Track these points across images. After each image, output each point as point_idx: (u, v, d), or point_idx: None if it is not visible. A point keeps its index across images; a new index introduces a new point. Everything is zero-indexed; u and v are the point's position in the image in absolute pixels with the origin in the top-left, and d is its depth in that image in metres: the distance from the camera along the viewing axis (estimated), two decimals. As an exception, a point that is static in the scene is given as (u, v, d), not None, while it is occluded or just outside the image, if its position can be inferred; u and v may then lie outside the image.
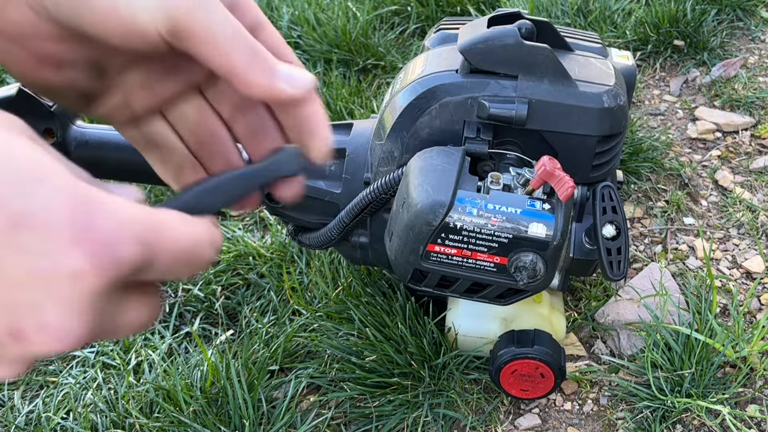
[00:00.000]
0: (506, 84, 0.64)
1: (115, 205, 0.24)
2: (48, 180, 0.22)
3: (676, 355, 0.81)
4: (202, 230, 0.28)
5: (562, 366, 0.75)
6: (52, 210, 0.22)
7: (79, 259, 0.22)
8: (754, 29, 1.40)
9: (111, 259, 0.23)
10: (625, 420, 0.78)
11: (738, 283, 0.93)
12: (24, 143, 0.23)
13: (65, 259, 0.22)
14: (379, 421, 0.79)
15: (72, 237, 0.22)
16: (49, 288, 0.22)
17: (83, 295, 0.22)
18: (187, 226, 0.27)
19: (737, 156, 1.14)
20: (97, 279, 0.22)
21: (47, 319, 0.22)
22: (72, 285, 0.22)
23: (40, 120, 0.74)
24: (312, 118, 0.34)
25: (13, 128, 0.24)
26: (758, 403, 0.79)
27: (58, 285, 0.22)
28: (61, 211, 0.22)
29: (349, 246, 0.79)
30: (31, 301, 0.22)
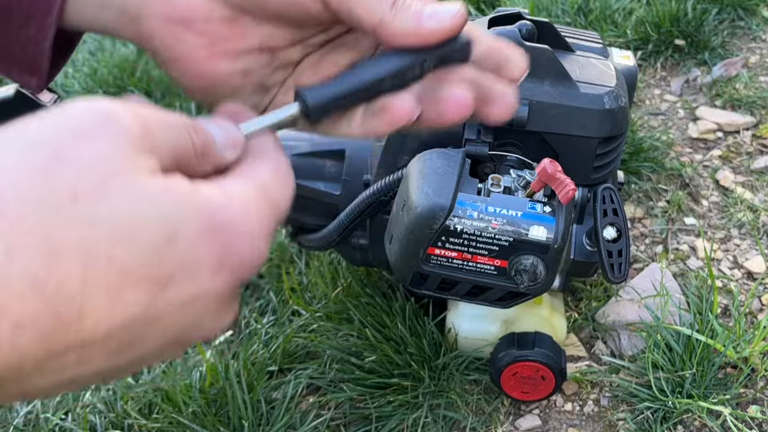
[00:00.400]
0: (507, 85, 0.63)
1: (240, 219, 0.24)
2: (179, 231, 0.22)
3: (677, 355, 0.80)
4: (291, 188, 0.28)
5: (563, 368, 0.74)
6: (191, 261, 0.23)
7: (222, 283, 0.24)
8: (756, 28, 1.39)
9: (247, 274, 0.25)
10: (626, 421, 0.78)
11: (739, 283, 0.93)
12: (141, 178, 0.22)
13: (212, 286, 0.24)
14: (379, 422, 0.79)
15: (214, 270, 0.23)
16: (200, 313, 0.24)
17: (226, 304, 0.25)
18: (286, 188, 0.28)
19: (738, 156, 1.13)
20: (234, 289, 0.25)
21: (204, 333, 0.25)
22: (217, 301, 0.24)
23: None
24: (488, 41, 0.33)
25: (128, 147, 0.22)
26: (759, 403, 0.79)
27: (207, 308, 0.24)
28: (200, 255, 0.23)
29: (349, 247, 0.79)
30: (189, 324, 0.24)
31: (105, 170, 0.21)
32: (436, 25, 0.30)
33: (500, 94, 0.34)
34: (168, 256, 0.22)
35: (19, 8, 0.28)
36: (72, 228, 0.20)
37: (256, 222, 0.25)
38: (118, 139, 0.22)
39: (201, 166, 0.26)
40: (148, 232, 0.22)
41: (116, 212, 0.21)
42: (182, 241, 0.22)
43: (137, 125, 0.23)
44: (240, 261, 0.24)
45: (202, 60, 0.30)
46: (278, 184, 0.27)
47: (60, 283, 0.20)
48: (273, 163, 0.28)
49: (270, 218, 0.26)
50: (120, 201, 0.21)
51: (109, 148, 0.22)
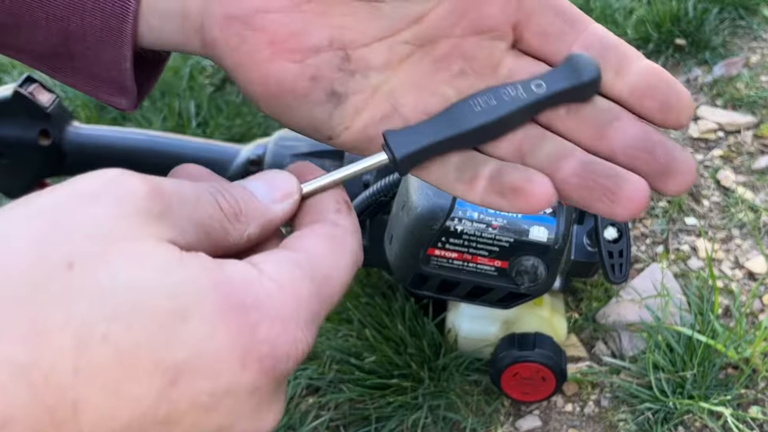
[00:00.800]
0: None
1: (270, 299, 0.21)
2: (192, 309, 0.19)
3: (678, 356, 0.80)
4: (350, 258, 0.24)
5: (564, 369, 0.74)
6: (208, 348, 0.19)
7: (252, 377, 0.20)
8: (757, 28, 1.39)
9: (284, 367, 0.21)
10: (627, 422, 0.78)
11: (740, 283, 0.93)
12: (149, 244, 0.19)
13: (240, 381, 0.20)
14: (379, 423, 0.79)
15: (239, 361, 0.20)
16: (230, 415, 0.20)
17: (264, 403, 0.21)
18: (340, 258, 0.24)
19: (739, 156, 1.13)
20: (273, 381, 0.21)
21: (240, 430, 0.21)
22: (251, 400, 0.20)
23: (36, 121, 0.73)
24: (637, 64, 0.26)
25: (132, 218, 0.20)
26: (760, 404, 0.79)
27: (238, 409, 0.20)
28: (218, 340, 0.19)
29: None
30: (217, 428, 0.20)
31: (106, 235, 0.19)
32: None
33: (675, 155, 0.25)
34: (178, 340, 0.19)
35: (92, 34, 0.26)
36: (63, 301, 0.18)
37: (291, 303, 0.21)
38: (123, 203, 0.20)
39: (239, 230, 0.23)
40: (153, 308, 0.18)
41: (115, 283, 0.18)
42: (195, 323, 0.19)
43: (147, 189, 0.20)
44: (272, 351, 0.20)
45: (264, 62, 0.26)
46: (331, 256, 0.23)
47: (49, 371, 0.17)
48: (328, 229, 0.24)
49: (313, 299, 0.22)
50: (121, 270, 0.18)
51: (112, 212, 0.19)
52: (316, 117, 0.27)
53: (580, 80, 0.25)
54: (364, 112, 0.28)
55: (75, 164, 0.76)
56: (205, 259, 0.20)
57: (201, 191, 0.22)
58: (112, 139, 0.77)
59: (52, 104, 0.74)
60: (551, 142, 0.27)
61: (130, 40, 0.26)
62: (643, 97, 0.26)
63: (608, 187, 0.25)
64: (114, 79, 0.28)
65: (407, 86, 0.28)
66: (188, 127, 1.28)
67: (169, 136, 0.80)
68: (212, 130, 1.26)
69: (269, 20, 0.26)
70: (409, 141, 0.26)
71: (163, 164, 0.82)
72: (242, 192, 0.24)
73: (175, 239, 0.20)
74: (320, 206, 0.26)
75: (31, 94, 0.72)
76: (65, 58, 0.28)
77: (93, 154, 0.76)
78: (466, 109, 0.26)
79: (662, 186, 0.26)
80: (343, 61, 0.27)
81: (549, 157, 0.26)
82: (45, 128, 0.74)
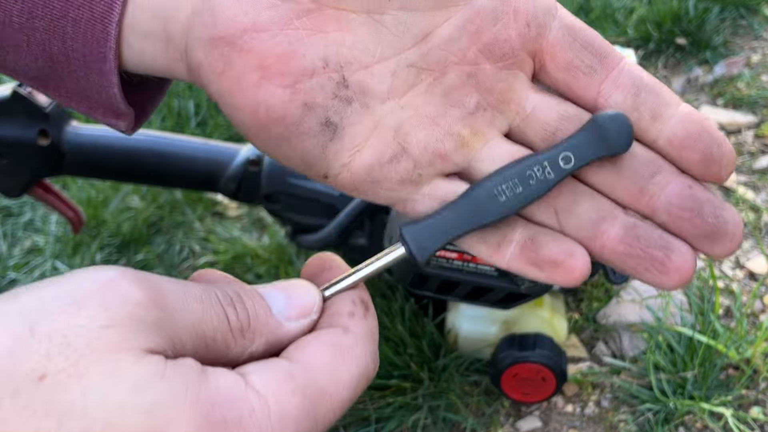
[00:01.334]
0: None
1: (252, 417, 0.19)
2: (168, 428, 0.18)
3: (679, 356, 0.80)
4: (356, 370, 0.22)
5: (564, 369, 0.74)
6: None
7: None
8: (758, 27, 1.39)
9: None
10: (627, 422, 0.78)
11: (741, 284, 0.93)
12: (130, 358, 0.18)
13: None
14: (379, 424, 0.78)
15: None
16: None
17: None
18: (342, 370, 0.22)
19: (740, 155, 1.13)
20: None
21: None
22: None
23: (35, 121, 0.73)
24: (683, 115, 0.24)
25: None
26: (761, 405, 0.78)
27: None
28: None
29: (348, 248, 0.78)
30: None
31: (85, 347, 0.18)
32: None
33: (725, 217, 0.24)
34: None
35: (75, 57, 0.25)
36: (27, 419, 0.16)
37: (275, 422, 0.19)
38: (110, 311, 0.18)
39: (242, 345, 0.22)
40: (127, 428, 0.17)
41: (88, 400, 0.17)
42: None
43: (143, 296, 0.19)
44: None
45: (252, 88, 0.24)
46: (332, 367, 0.22)
47: None
48: (335, 337, 0.22)
49: (302, 417, 0.20)
50: (95, 386, 0.17)
51: (97, 320, 0.18)
52: (308, 150, 0.25)
53: (612, 150, 0.24)
54: (366, 149, 0.25)
55: (74, 164, 0.76)
56: (190, 369, 0.19)
57: (210, 302, 0.21)
58: (111, 139, 0.77)
59: (51, 104, 0.74)
60: (589, 201, 0.25)
61: (113, 66, 0.25)
62: (683, 148, 0.24)
63: (657, 258, 0.24)
64: (106, 103, 0.27)
65: (416, 122, 0.25)
66: (187, 127, 1.28)
67: (168, 135, 0.80)
68: (211, 129, 1.26)
69: (257, 41, 0.23)
70: (429, 237, 0.24)
71: (163, 164, 0.82)
72: (258, 303, 0.22)
73: (165, 349, 0.19)
74: (333, 309, 0.24)
75: (30, 94, 0.72)
76: (56, 79, 0.26)
77: (92, 154, 0.76)
78: (489, 198, 0.24)
79: (708, 249, 0.25)
80: (339, 86, 0.24)
81: (590, 220, 0.25)
82: (44, 128, 0.74)
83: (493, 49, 0.25)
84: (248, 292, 0.23)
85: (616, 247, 0.25)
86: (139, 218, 1.11)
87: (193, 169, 0.78)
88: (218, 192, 0.81)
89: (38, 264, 1.05)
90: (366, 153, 0.25)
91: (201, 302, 0.21)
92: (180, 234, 1.09)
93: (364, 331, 0.23)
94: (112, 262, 1.06)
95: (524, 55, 0.25)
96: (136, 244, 1.08)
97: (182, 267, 1.05)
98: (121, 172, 0.79)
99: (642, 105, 0.25)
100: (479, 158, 0.26)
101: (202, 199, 1.14)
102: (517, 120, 0.26)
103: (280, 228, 1.05)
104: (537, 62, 0.25)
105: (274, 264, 1.00)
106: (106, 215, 1.12)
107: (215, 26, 0.24)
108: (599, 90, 0.25)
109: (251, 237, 1.07)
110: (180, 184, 0.81)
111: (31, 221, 1.15)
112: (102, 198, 1.14)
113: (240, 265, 1.01)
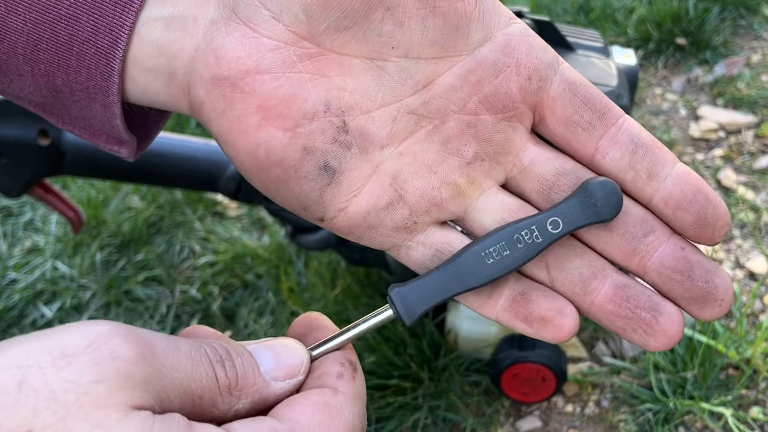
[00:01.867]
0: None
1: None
2: None
3: (679, 356, 0.80)
4: (344, 430, 0.22)
5: (564, 369, 0.74)
6: None
7: None
8: (758, 27, 1.39)
9: None
10: (627, 422, 0.78)
11: (741, 283, 0.93)
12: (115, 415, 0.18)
13: None
14: (379, 424, 0.78)
15: None
16: None
17: None
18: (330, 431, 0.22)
19: (740, 155, 1.13)
20: None
21: None
22: None
23: (35, 121, 0.73)
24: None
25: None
26: (761, 405, 0.78)
27: None
28: None
29: (348, 248, 0.78)
30: None
31: (73, 402, 0.18)
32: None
33: (715, 281, 0.25)
34: None
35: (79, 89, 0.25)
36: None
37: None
38: (99, 366, 0.18)
39: (229, 403, 0.22)
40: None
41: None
42: None
43: (133, 353, 0.19)
44: None
45: (253, 129, 0.24)
46: (320, 427, 0.22)
47: None
48: (324, 398, 0.23)
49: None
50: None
51: (85, 375, 0.18)
52: (305, 194, 0.25)
53: (600, 217, 0.24)
54: (363, 195, 0.25)
55: (74, 164, 0.76)
56: (178, 424, 0.19)
57: (200, 359, 0.21)
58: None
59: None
60: (581, 257, 0.25)
61: (117, 99, 0.25)
62: (678, 209, 0.25)
63: (646, 320, 0.25)
64: (108, 131, 0.27)
65: (414, 169, 0.25)
66: (187, 127, 1.28)
67: (168, 136, 0.80)
68: (212, 129, 1.26)
69: (260, 82, 0.24)
70: (417, 299, 0.25)
71: (163, 164, 0.82)
72: (246, 361, 0.23)
73: (153, 405, 0.19)
74: (322, 370, 0.24)
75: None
76: (59, 107, 0.27)
77: (92, 154, 0.76)
78: (477, 261, 0.24)
79: (697, 313, 0.25)
80: (340, 131, 0.24)
81: (581, 277, 0.25)
82: (44, 128, 0.74)
83: (494, 101, 0.25)
84: (237, 350, 0.23)
85: (605, 306, 0.25)
86: (139, 218, 1.11)
87: (194, 169, 0.78)
88: (218, 192, 0.81)
89: (38, 264, 1.05)
90: (363, 198, 0.25)
91: (191, 359, 0.21)
92: (180, 234, 1.09)
93: (353, 393, 0.23)
94: (113, 262, 1.06)
95: (524, 108, 0.25)
96: (136, 244, 1.08)
97: (182, 267, 1.05)
98: (121, 172, 0.79)
99: (639, 163, 0.25)
100: (475, 207, 0.26)
101: (202, 199, 1.14)
102: (514, 171, 0.26)
103: (280, 228, 1.05)
104: (537, 115, 0.26)
105: (274, 264, 1.00)
106: (106, 215, 1.12)
107: (218, 66, 0.24)
108: (597, 146, 0.25)
109: (251, 237, 1.07)
110: (180, 184, 0.81)
111: (31, 221, 1.16)
112: (102, 198, 1.14)
113: (240, 265, 1.01)
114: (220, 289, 1.00)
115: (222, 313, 0.96)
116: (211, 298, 0.98)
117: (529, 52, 0.25)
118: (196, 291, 0.98)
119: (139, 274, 1.02)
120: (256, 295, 0.98)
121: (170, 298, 0.99)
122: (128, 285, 1.01)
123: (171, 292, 1.01)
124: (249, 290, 0.99)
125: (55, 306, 0.98)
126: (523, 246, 0.24)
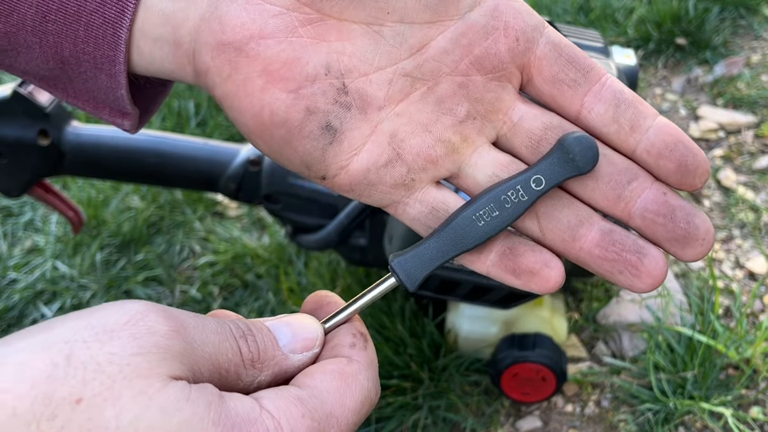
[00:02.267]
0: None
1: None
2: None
3: (679, 356, 0.80)
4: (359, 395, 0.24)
5: (564, 369, 0.74)
6: None
7: None
8: (758, 27, 1.39)
9: None
10: (627, 422, 0.78)
11: (741, 284, 0.93)
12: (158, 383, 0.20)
13: None
14: (379, 424, 0.78)
15: None
16: None
17: None
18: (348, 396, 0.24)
19: (740, 155, 1.13)
20: None
21: None
22: None
23: (35, 121, 0.73)
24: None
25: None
26: (761, 405, 0.78)
27: None
28: None
29: (348, 248, 0.78)
30: None
31: (117, 373, 0.19)
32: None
33: (696, 222, 0.26)
34: None
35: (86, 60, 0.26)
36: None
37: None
38: (139, 340, 0.20)
39: (252, 375, 0.23)
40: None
41: (121, 421, 0.19)
42: None
43: (168, 328, 0.21)
44: None
45: (257, 92, 0.25)
46: (338, 393, 0.23)
47: None
48: (339, 366, 0.24)
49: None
50: (128, 408, 0.19)
51: (127, 348, 0.20)
52: (309, 153, 0.26)
53: (579, 170, 0.26)
54: (363, 153, 0.27)
55: (74, 164, 0.76)
56: (211, 393, 0.21)
57: (225, 335, 0.23)
58: (111, 139, 0.77)
59: (51, 104, 0.74)
60: (568, 207, 0.27)
61: (123, 68, 0.26)
62: (660, 157, 0.26)
63: (631, 262, 0.26)
64: (113, 103, 0.28)
65: (410, 129, 0.27)
66: (187, 127, 1.28)
67: (168, 135, 0.80)
68: (211, 129, 1.26)
69: (263, 47, 0.25)
70: (417, 266, 0.26)
71: (163, 164, 0.82)
72: (266, 336, 0.24)
73: (188, 377, 0.21)
74: (335, 341, 0.26)
75: (30, 94, 0.72)
76: (65, 80, 0.27)
77: (92, 154, 0.76)
78: (469, 225, 0.26)
79: (679, 253, 0.26)
80: (340, 92, 0.26)
81: (569, 225, 0.27)
82: (44, 128, 0.74)
83: (484, 62, 0.26)
84: (257, 326, 0.24)
85: (593, 250, 0.26)
86: (139, 218, 1.11)
87: (194, 169, 0.78)
88: (218, 192, 0.81)
89: (38, 264, 1.05)
90: (363, 157, 0.27)
91: (217, 334, 0.23)
92: (180, 234, 1.09)
93: (366, 361, 0.25)
94: (113, 262, 1.06)
95: (513, 68, 0.27)
96: (136, 244, 1.08)
97: (182, 267, 1.05)
98: (121, 172, 0.79)
99: (622, 117, 0.26)
100: (468, 164, 0.27)
101: (202, 199, 1.14)
102: (504, 129, 0.27)
103: (280, 228, 1.05)
104: (525, 75, 0.27)
105: (274, 264, 1.00)
106: (106, 215, 1.12)
107: (223, 32, 0.25)
108: (582, 102, 0.26)
109: (251, 237, 1.07)
110: (180, 184, 0.81)
111: (31, 221, 1.15)
112: (102, 198, 1.14)
113: (240, 264, 1.01)
114: (220, 289, 1.00)
115: (222, 313, 0.96)
116: (211, 298, 0.98)
117: (516, 15, 0.26)
118: (196, 291, 0.98)
119: (139, 274, 1.02)
120: (256, 295, 0.98)
121: (170, 298, 0.99)
122: (128, 285, 1.01)
123: (171, 292, 1.01)
124: (249, 290, 0.99)
125: (55, 306, 0.98)
126: (511, 205, 0.26)
